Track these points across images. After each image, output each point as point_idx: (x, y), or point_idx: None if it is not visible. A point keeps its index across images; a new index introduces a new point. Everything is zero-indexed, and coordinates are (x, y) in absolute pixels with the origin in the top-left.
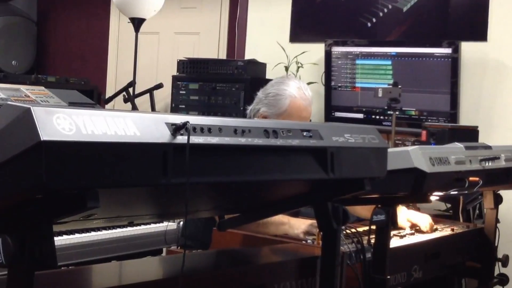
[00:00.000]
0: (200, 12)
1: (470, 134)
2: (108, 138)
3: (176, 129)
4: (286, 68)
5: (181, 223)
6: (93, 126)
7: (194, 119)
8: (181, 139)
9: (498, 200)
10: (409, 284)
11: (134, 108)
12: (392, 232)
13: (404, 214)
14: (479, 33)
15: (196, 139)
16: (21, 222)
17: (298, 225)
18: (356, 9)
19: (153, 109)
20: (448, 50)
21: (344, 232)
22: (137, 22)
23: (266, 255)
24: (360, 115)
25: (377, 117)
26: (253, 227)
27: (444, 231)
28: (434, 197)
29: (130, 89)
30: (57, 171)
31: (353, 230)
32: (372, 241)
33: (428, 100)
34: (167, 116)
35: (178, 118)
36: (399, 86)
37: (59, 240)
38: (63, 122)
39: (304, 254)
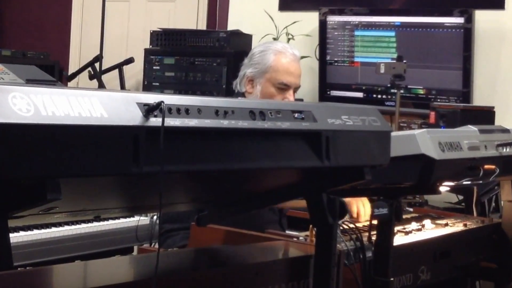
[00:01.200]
0: None
1: (485, 116)
2: (71, 121)
3: (149, 110)
4: (275, 40)
5: (155, 217)
6: (54, 106)
7: (170, 99)
8: (155, 121)
9: None
10: (416, 287)
11: (101, 86)
12: (396, 228)
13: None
14: (496, 0)
15: (172, 122)
16: None
17: None
18: None
19: (122, 87)
20: (460, 20)
21: (341, 227)
22: None
23: (252, 254)
24: (360, 94)
25: (379, 96)
26: None
27: (456, 226)
28: (444, 187)
29: (97, 65)
30: (13, 158)
31: (352, 225)
32: (373, 238)
33: (437, 77)
34: (139, 95)
35: (152, 98)
36: (404, 61)
37: (15, 237)
38: (20, 102)
39: (296, 252)
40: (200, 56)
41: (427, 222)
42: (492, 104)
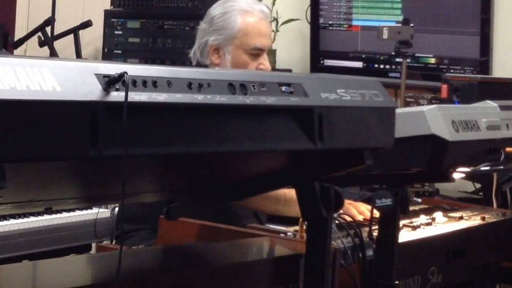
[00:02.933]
0: None
1: (506, 90)
2: (17, 95)
3: (109, 82)
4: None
5: (116, 209)
6: None
7: (134, 69)
8: (117, 96)
9: None
10: None
11: (53, 54)
12: (402, 222)
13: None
14: None
15: (136, 96)
16: None
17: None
18: None
19: (78, 55)
20: None
21: (337, 222)
22: None
23: (232, 253)
24: (359, 64)
25: (382, 66)
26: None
27: (472, 220)
28: (459, 174)
29: (48, 29)
30: None
31: (349, 219)
32: (375, 234)
33: (450, 44)
34: (98, 65)
35: (113, 68)
36: (411, 25)
37: None
38: None
39: (283, 251)
40: (170, 19)
41: (438, 215)
42: None
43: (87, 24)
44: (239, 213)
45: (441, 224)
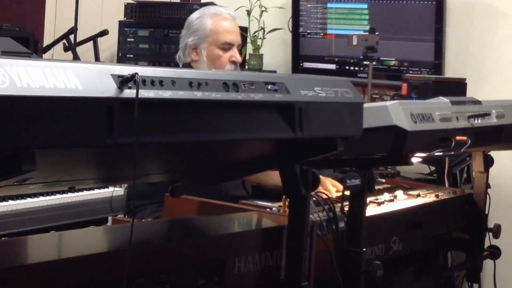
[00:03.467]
0: None
1: (456, 88)
2: (46, 92)
3: (123, 81)
4: (248, 13)
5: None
6: (29, 78)
7: (144, 71)
8: (129, 93)
9: (488, 162)
10: (388, 258)
11: (76, 58)
12: (368, 199)
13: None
14: None
15: (146, 93)
16: None
17: None
18: None
19: (97, 59)
20: None
21: (314, 198)
22: None
23: (225, 225)
24: (333, 66)
25: (352, 68)
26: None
27: (428, 197)
28: (416, 158)
29: (71, 37)
30: None
31: (325, 196)
32: (346, 208)
33: (409, 49)
34: (113, 67)
35: (126, 69)
36: (377, 33)
37: None
38: None
39: (269, 223)
40: (174, 28)
41: (399, 193)
42: (464, 75)
43: (104, 33)
44: (230, 184)
45: (401, 201)
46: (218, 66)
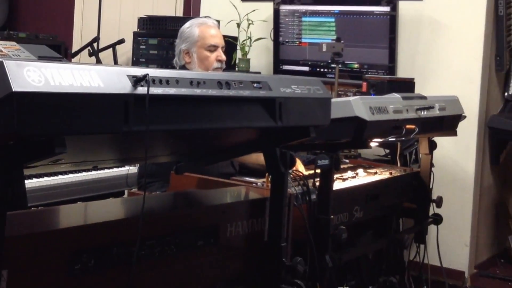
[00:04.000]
0: None
1: (406, 86)
2: (74, 89)
3: (136, 81)
4: (238, 25)
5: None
6: (60, 78)
7: (153, 72)
8: (141, 90)
9: (432, 146)
10: (351, 223)
11: (98, 61)
12: (335, 176)
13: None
14: None
15: (155, 90)
16: None
17: None
18: None
19: (115, 62)
20: (386, 8)
21: (291, 175)
22: None
23: (219, 197)
24: (306, 68)
25: (322, 70)
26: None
27: (383, 174)
28: (374, 143)
29: (95, 44)
30: (28, 119)
31: (299, 173)
32: (317, 184)
33: (368, 54)
34: (129, 69)
35: (139, 71)
36: (342, 41)
37: (29, 183)
38: (33, 74)
39: (254, 195)
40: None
41: (360, 171)
42: (412, 76)
43: (121, 41)
44: (222, 164)
45: (362, 177)
46: (207, 65)
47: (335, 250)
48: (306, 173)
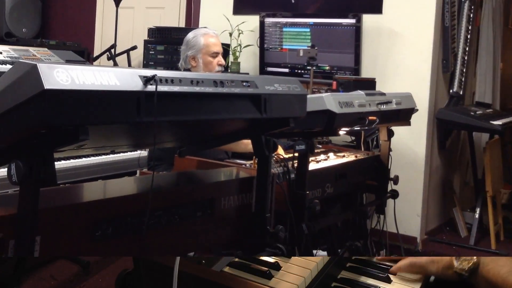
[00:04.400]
0: None
1: (369, 84)
2: (95, 87)
3: (147, 80)
4: (230, 34)
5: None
6: (84, 78)
7: (161, 73)
8: (151, 88)
9: (390, 134)
10: (324, 198)
11: (115, 64)
12: (310, 158)
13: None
14: (376, 7)
15: (162, 88)
16: (29, 151)
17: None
18: None
19: (129, 65)
20: (352, 21)
21: (274, 158)
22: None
23: (215, 176)
24: (286, 70)
25: (299, 71)
26: (228, 146)
27: (350, 157)
28: (342, 132)
29: (112, 50)
30: (57, 112)
31: (281, 156)
32: (295, 165)
33: (337, 58)
34: (140, 70)
35: (149, 72)
36: (316, 48)
37: (58, 164)
38: (61, 75)
39: (244, 175)
40: (181, 45)
41: (331, 154)
42: (374, 76)
43: (134, 48)
44: (217, 150)
45: (332, 159)
46: (210, 68)
47: (310, 220)
48: (286, 156)
